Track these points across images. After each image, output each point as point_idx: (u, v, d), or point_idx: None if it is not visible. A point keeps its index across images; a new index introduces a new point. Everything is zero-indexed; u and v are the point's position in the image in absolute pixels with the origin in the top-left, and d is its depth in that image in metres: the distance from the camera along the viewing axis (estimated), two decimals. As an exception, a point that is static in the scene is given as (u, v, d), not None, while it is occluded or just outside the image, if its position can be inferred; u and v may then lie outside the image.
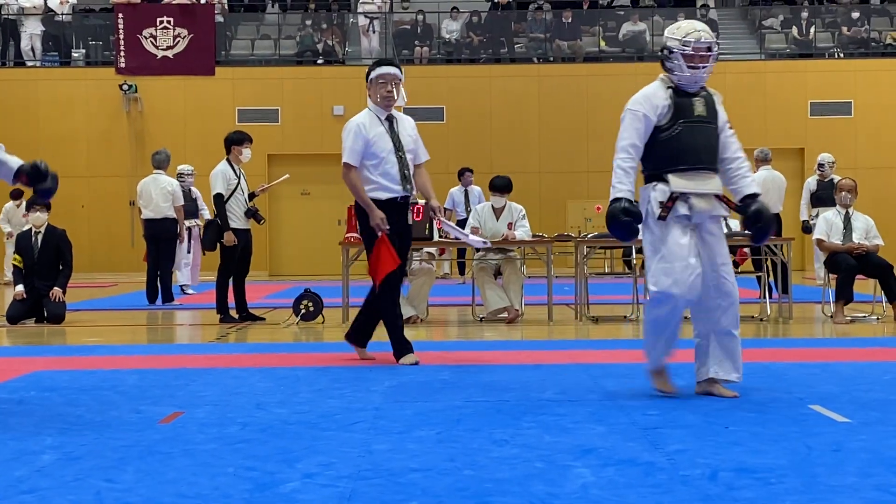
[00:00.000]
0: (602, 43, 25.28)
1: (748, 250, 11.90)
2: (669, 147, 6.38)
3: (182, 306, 14.57)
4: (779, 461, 4.66)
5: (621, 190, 6.37)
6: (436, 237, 11.46)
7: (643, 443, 5.08)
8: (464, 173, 19.22)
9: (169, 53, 23.47)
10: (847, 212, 11.87)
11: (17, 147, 8.80)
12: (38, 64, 24.56)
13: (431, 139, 8.66)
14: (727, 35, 25.16)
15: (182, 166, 16.36)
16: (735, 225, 10.91)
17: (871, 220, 11.92)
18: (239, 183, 11.81)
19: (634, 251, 13.12)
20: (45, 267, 12.20)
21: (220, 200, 11.68)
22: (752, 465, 4.58)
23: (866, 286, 12.30)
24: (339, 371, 7.84)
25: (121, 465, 4.71)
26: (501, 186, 12.11)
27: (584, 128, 23.61)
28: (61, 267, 12.28)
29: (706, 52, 6.43)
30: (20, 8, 24.70)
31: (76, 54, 24.77)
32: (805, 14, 25.27)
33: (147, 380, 7.42)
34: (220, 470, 4.62)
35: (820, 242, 11.91)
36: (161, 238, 14.78)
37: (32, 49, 24.59)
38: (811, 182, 16.00)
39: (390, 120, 8.20)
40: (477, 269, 12.05)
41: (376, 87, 8.21)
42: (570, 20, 25.10)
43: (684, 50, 6.40)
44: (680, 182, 6.35)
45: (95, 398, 6.63)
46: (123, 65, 23.56)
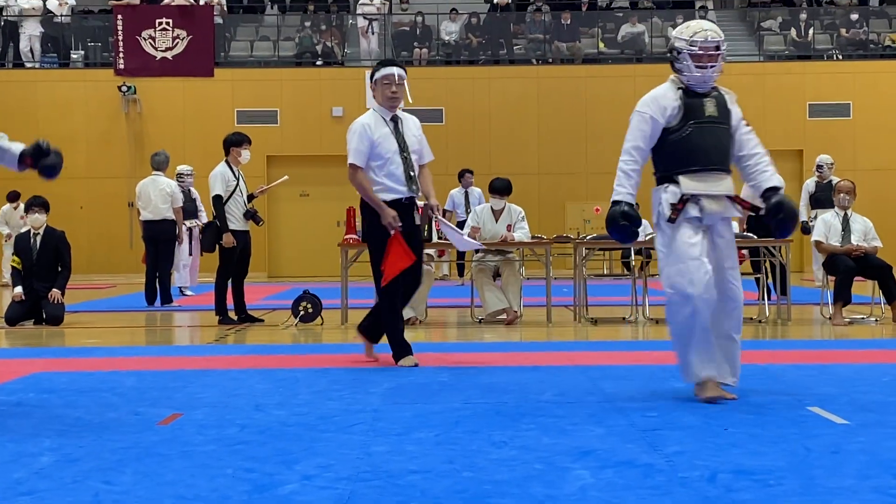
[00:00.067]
0: (601, 44, 25.28)
1: (746, 252, 11.89)
2: (680, 148, 6.33)
3: (181, 308, 14.56)
4: (777, 463, 4.66)
5: (620, 193, 6.36)
6: (434, 239, 11.44)
7: (642, 444, 5.08)
8: (464, 174, 19.20)
9: (168, 55, 23.49)
10: (845, 213, 11.87)
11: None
12: (37, 65, 24.54)
13: (430, 140, 8.62)
14: (726, 36, 24.95)
15: (181, 167, 16.30)
16: (734, 227, 10.89)
17: (870, 222, 11.92)
18: (238, 184, 11.81)
19: (633, 253, 13.13)
20: (44, 268, 12.20)
21: (219, 202, 11.68)
22: (751, 467, 4.58)
23: (865, 288, 12.30)
24: (338, 373, 7.84)
25: (119, 467, 4.71)
26: (501, 188, 12.10)
27: (583, 129, 23.61)
28: (60, 268, 12.28)
29: (714, 52, 6.39)
30: (20, 10, 24.69)
31: (75, 56, 24.75)
32: (804, 16, 25.28)
33: (146, 381, 7.42)
34: (219, 471, 4.62)
35: (818, 244, 11.91)
36: (160, 239, 14.78)
37: (31, 50, 24.57)
38: (810, 184, 15.99)
39: (395, 120, 8.15)
40: (476, 271, 12.05)
41: (381, 88, 8.15)
42: (569, 22, 25.10)
43: (692, 50, 6.36)
44: (690, 184, 6.30)
45: (94, 400, 6.63)
46: (122, 66, 23.58)
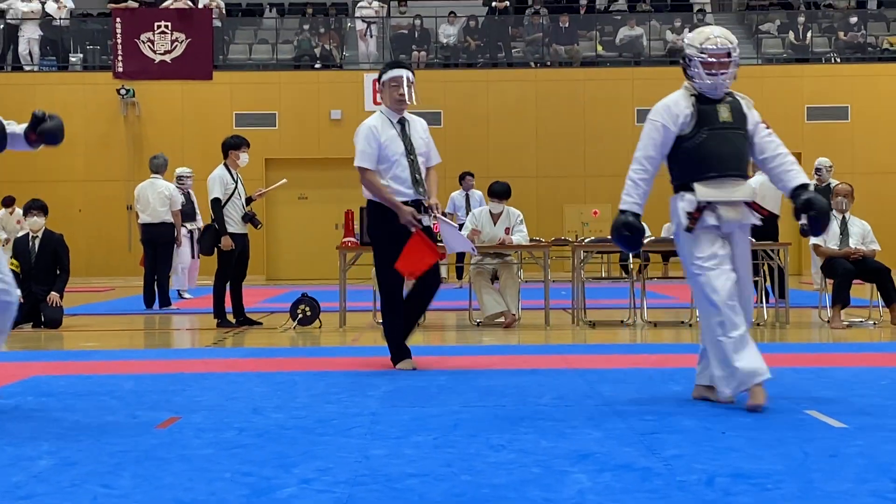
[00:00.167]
0: (599, 47, 25.30)
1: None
2: (694, 155, 6.27)
3: (179, 311, 14.56)
4: (775, 467, 4.66)
5: (627, 202, 6.31)
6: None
7: (640, 448, 5.08)
8: (465, 177, 19.19)
9: (167, 58, 23.52)
10: (844, 217, 11.89)
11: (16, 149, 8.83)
12: (36, 68, 24.53)
13: (429, 143, 8.59)
14: (724, 39, 25.13)
15: (181, 169, 16.25)
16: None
17: (868, 225, 11.93)
18: (236, 187, 11.81)
19: (631, 256, 13.13)
20: (43, 271, 12.20)
21: (218, 205, 11.68)
22: (749, 471, 4.58)
23: (863, 291, 12.31)
24: (336, 376, 7.84)
25: (117, 471, 4.71)
26: (500, 192, 12.11)
27: (581, 132, 23.62)
28: (58, 271, 12.28)
29: (726, 59, 6.34)
30: (20, 13, 24.67)
31: (74, 59, 24.74)
32: (802, 19, 25.30)
33: (144, 385, 7.42)
34: (217, 475, 4.62)
35: (817, 247, 11.92)
36: (158, 242, 14.79)
37: (30, 53, 24.56)
38: (808, 186, 15.99)
39: (402, 123, 8.12)
40: (474, 274, 12.05)
41: (389, 90, 8.12)
42: (567, 25, 25.11)
43: (702, 57, 6.30)
44: (707, 191, 6.23)
45: (92, 403, 6.63)
46: (121, 69, 23.63)
